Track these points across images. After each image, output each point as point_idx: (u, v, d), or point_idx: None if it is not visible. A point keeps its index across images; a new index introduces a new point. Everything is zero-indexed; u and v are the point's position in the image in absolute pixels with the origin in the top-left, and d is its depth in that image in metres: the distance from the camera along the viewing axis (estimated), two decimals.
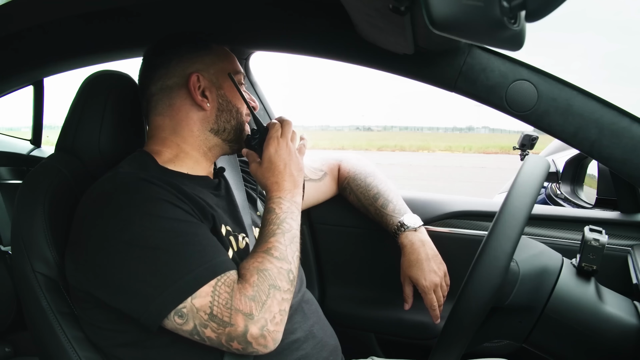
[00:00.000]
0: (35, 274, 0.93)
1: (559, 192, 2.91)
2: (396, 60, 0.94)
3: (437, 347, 0.82)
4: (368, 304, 1.49)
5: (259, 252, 0.87)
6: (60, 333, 0.92)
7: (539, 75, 0.86)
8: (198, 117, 0.99)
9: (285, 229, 0.91)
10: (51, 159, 1.03)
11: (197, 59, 0.99)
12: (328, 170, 1.38)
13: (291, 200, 0.95)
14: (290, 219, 0.92)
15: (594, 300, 0.82)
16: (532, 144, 3.31)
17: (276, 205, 0.93)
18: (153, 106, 1.00)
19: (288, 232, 0.90)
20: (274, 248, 0.87)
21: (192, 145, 1.00)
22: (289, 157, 0.97)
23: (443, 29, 0.46)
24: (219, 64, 1.01)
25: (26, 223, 0.95)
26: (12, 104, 2.51)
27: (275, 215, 0.92)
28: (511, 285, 0.82)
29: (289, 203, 0.94)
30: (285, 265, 0.86)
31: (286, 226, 0.91)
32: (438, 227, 1.49)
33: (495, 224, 0.78)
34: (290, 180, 0.96)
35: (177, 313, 0.79)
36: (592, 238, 0.82)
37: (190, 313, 0.79)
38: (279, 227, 0.90)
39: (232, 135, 1.02)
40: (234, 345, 0.80)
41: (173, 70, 0.98)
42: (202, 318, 0.79)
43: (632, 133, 0.82)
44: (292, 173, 0.97)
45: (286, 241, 0.89)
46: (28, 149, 2.18)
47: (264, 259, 0.85)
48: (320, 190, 1.37)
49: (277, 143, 0.97)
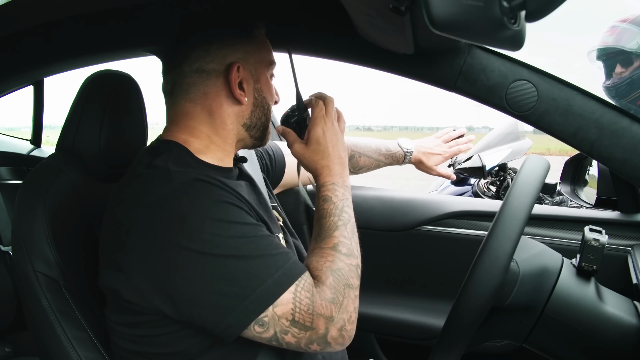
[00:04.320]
0: (36, 273, 0.93)
1: (485, 189, 2.92)
2: (396, 60, 0.94)
3: (437, 347, 0.82)
4: (368, 305, 1.49)
5: (326, 249, 0.84)
6: (60, 333, 0.92)
7: (539, 75, 0.86)
8: (233, 110, 0.91)
9: (345, 219, 0.88)
10: (52, 159, 1.03)
11: (240, 47, 0.91)
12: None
13: (344, 186, 0.92)
14: (347, 206, 0.90)
15: (594, 300, 0.82)
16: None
17: (332, 193, 0.90)
18: (184, 89, 0.90)
19: (349, 223, 0.88)
20: (341, 244, 0.85)
21: (223, 139, 0.93)
22: (336, 137, 0.93)
23: (443, 29, 0.46)
24: (258, 54, 0.94)
25: (27, 223, 0.95)
26: (12, 104, 2.51)
27: (333, 205, 0.89)
28: (511, 285, 0.82)
29: (342, 189, 0.91)
30: (354, 260, 0.85)
31: (345, 216, 0.88)
32: (438, 227, 1.49)
33: (495, 224, 0.78)
34: (340, 163, 0.93)
35: (257, 322, 0.75)
36: (592, 238, 0.82)
37: (271, 321, 0.75)
38: (339, 219, 0.87)
39: (259, 132, 0.97)
40: (312, 347, 0.79)
41: (214, 54, 0.89)
42: (283, 325, 0.76)
43: (632, 133, 0.82)
44: (340, 154, 0.93)
45: (349, 233, 0.87)
46: (28, 149, 2.18)
47: (335, 257, 0.83)
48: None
49: (324, 123, 0.92)
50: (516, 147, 2.89)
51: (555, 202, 2.74)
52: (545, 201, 2.74)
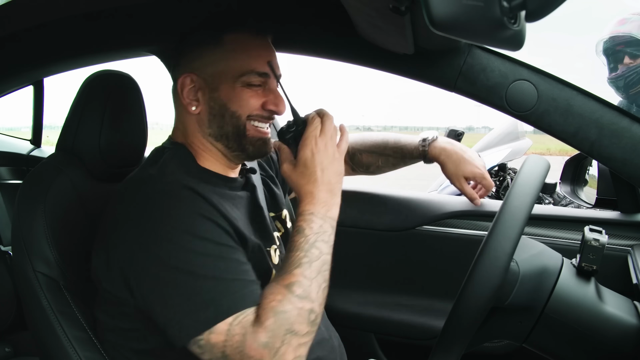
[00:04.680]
0: (36, 273, 0.93)
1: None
2: (396, 60, 0.94)
3: (437, 347, 0.82)
4: (368, 305, 1.49)
5: (279, 287, 0.78)
6: (60, 333, 0.92)
7: (539, 75, 0.86)
8: (192, 119, 0.93)
9: (313, 256, 0.81)
10: (52, 159, 1.03)
11: (197, 57, 0.92)
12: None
13: (325, 217, 0.84)
14: (321, 241, 0.83)
15: (594, 300, 0.82)
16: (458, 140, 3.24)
17: (306, 224, 0.83)
18: (173, 95, 0.97)
19: (316, 261, 0.81)
20: (297, 284, 0.78)
21: (203, 147, 0.94)
22: (328, 160, 0.86)
23: (443, 29, 0.46)
24: (221, 63, 0.91)
25: (27, 223, 0.95)
26: (12, 104, 2.51)
27: (304, 238, 0.82)
28: (511, 285, 0.82)
29: (321, 220, 0.84)
30: (307, 304, 0.77)
31: (315, 252, 0.81)
32: (438, 227, 1.49)
33: (495, 224, 0.78)
34: (327, 190, 0.85)
35: (196, 343, 0.76)
36: (592, 238, 0.82)
37: (206, 346, 0.76)
38: (306, 255, 0.81)
39: (232, 142, 0.93)
40: None
41: (177, 68, 0.94)
42: (216, 355, 0.76)
43: (632, 133, 0.82)
44: (330, 180, 0.86)
45: (312, 273, 0.80)
46: (28, 149, 2.18)
47: (284, 297, 0.77)
48: None
49: (315, 144, 0.86)
50: (516, 147, 2.89)
51: (551, 202, 2.74)
52: (545, 201, 2.74)
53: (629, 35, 1.94)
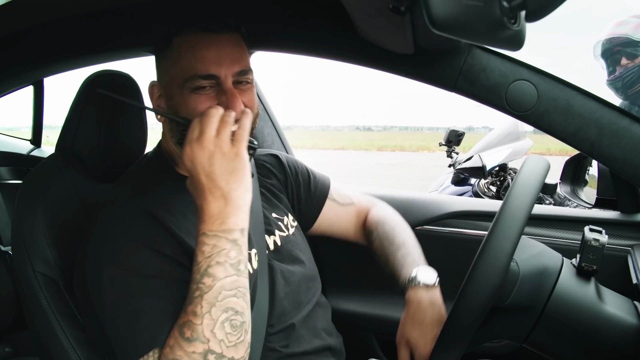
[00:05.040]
0: (36, 273, 0.93)
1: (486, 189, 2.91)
2: (396, 60, 0.94)
3: (437, 347, 0.82)
4: (368, 305, 1.49)
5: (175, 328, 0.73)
6: (60, 333, 0.92)
7: (539, 75, 0.86)
8: (165, 127, 0.95)
9: (205, 287, 0.71)
10: (51, 159, 1.03)
11: (157, 65, 0.91)
12: (357, 202, 1.24)
13: (219, 232, 0.72)
14: (215, 265, 0.71)
15: (594, 300, 0.82)
16: (458, 140, 3.24)
17: (198, 248, 0.73)
18: None
19: (208, 292, 0.70)
20: (187, 325, 0.71)
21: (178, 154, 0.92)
22: (211, 159, 0.74)
23: (443, 29, 0.46)
24: (172, 68, 0.86)
25: (26, 223, 0.95)
26: (12, 104, 2.51)
27: (196, 266, 0.73)
28: (511, 285, 0.82)
29: (214, 239, 0.72)
30: (200, 347, 0.70)
31: (207, 282, 0.71)
32: (438, 227, 1.49)
33: (495, 224, 0.78)
34: (217, 196, 0.73)
35: None
36: (592, 238, 0.82)
37: None
38: (197, 288, 0.71)
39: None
40: None
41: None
42: None
43: (632, 133, 0.82)
44: (219, 185, 0.73)
45: (204, 308, 0.70)
46: (28, 149, 2.18)
47: (175, 341, 0.71)
48: (341, 217, 1.22)
49: (191, 148, 0.75)
50: (516, 147, 2.89)
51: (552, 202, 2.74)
52: (546, 202, 2.75)
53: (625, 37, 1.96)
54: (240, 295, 0.73)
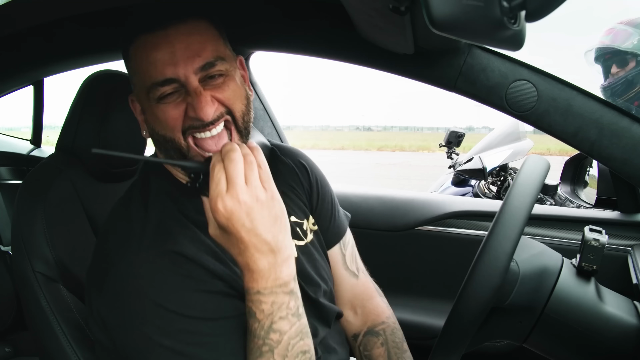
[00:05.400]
0: (35, 273, 0.93)
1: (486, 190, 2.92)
2: (396, 60, 0.94)
3: (437, 347, 0.82)
4: None
5: None
6: (59, 333, 0.92)
7: (539, 75, 0.86)
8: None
9: (273, 342, 0.69)
10: (51, 159, 1.03)
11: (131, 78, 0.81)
12: (362, 279, 1.10)
13: (274, 288, 0.69)
14: (279, 320, 0.69)
15: (594, 300, 0.82)
16: (458, 141, 3.25)
17: (256, 307, 0.69)
18: None
19: (277, 347, 0.70)
20: None
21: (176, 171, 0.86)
22: (250, 214, 0.66)
23: (443, 29, 0.46)
24: (135, 80, 0.79)
25: (26, 223, 0.95)
26: (12, 104, 2.51)
27: (257, 323, 0.70)
28: (511, 285, 0.82)
29: (271, 296, 0.69)
30: None
31: (275, 337, 0.69)
32: (438, 227, 1.50)
33: (495, 224, 0.78)
34: (266, 252, 0.68)
35: None
36: (592, 238, 0.82)
37: None
38: (265, 343, 0.69)
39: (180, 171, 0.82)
40: None
41: None
42: None
43: (632, 133, 0.82)
44: (265, 238, 0.67)
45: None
46: (28, 149, 2.18)
47: None
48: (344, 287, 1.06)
49: (224, 204, 0.66)
50: (517, 148, 2.89)
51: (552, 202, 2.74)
52: (547, 202, 2.75)
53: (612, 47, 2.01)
54: (304, 336, 0.72)
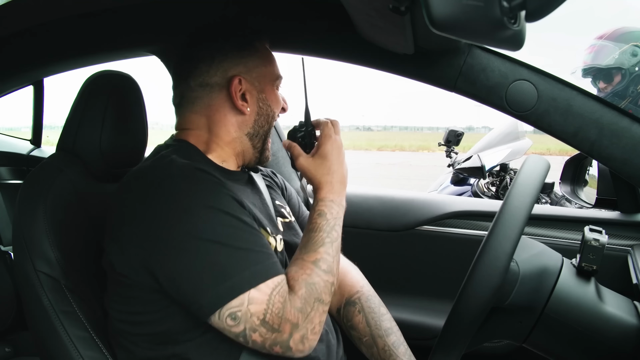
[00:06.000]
0: (37, 273, 0.93)
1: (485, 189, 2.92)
2: (396, 60, 0.94)
3: (437, 347, 0.82)
4: None
5: (307, 262, 0.87)
6: (62, 332, 0.92)
7: (539, 75, 0.87)
8: (237, 120, 0.98)
9: (333, 237, 0.90)
10: (52, 159, 1.03)
11: (241, 61, 0.96)
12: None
13: (340, 205, 0.94)
14: (338, 226, 0.92)
15: (594, 300, 0.82)
16: (457, 140, 3.25)
17: (327, 209, 0.92)
18: (190, 102, 0.97)
19: (335, 242, 0.90)
20: (323, 260, 0.87)
21: (228, 144, 0.99)
22: (341, 157, 0.97)
23: (443, 29, 0.46)
24: (262, 68, 0.99)
25: (27, 223, 0.95)
26: (12, 104, 2.52)
27: (326, 221, 0.91)
28: (511, 285, 0.82)
29: (339, 207, 0.94)
30: (331, 278, 0.87)
31: (334, 235, 0.91)
32: (438, 227, 1.50)
33: (495, 224, 0.78)
34: (341, 181, 0.96)
35: (230, 315, 0.80)
36: (592, 238, 0.82)
37: (244, 317, 0.80)
38: (328, 236, 0.90)
39: (261, 142, 1.02)
40: (275, 349, 0.83)
41: (216, 68, 0.95)
42: (253, 323, 0.81)
43: (632, 133, 0.82)
44: (343, 174, 0.96)
45: (333, 252, 0.89)
46: (28, 149, 2.18)
47: (313, 271, 0.86)
48: None
49: (333, 141, 0.96)
50: (516, 147, 2.89)
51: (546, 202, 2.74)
52: (542, 200, 2.75)
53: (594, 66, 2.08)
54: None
